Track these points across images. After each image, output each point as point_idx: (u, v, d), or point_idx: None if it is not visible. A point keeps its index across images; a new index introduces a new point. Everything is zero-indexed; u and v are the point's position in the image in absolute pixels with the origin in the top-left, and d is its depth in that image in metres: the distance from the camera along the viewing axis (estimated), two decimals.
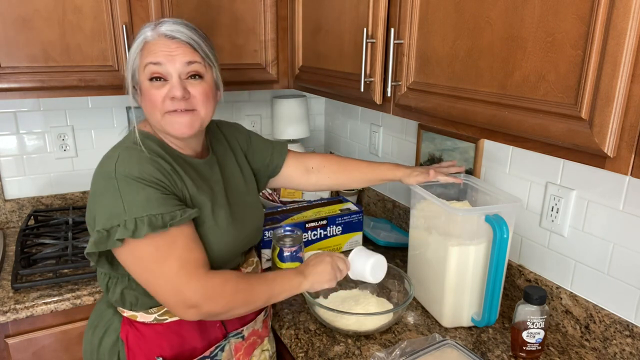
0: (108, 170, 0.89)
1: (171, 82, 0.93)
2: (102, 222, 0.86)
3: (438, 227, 1.16)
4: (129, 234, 0.83)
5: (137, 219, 0.84)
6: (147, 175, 0.88)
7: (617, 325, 1.04)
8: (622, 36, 0.63)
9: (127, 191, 0.86)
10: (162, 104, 0.93)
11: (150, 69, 0.92)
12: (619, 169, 0.68)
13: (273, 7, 1.60)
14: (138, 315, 0.98)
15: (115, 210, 0.85)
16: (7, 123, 1.68)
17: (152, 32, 0.94)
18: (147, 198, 0.86)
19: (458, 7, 0.91)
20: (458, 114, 0.94)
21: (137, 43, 0.95)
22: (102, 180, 0.89)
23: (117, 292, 0.97)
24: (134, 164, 0.89)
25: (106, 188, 0.87)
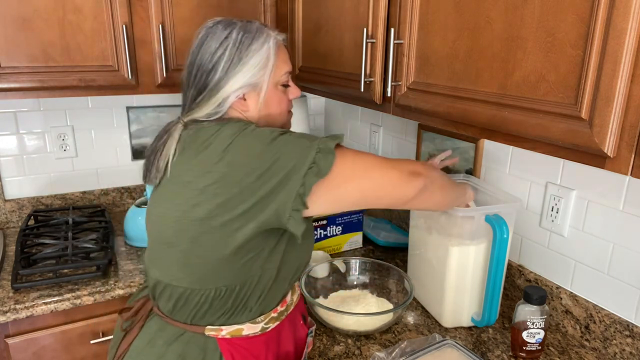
0: (264, 138, 0.83)
1: (291, 85, 1.01)
2: (306, 160, 0.81)
3: (438, 227, 1.16)
4: (334, 142, 0.83)
5: (319, 143, 0.83)
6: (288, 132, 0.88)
7: (617, 325, 1.04)
8: (622, 36, 0.63)
9: (294, 136, 0.84)
10: (288, 105, 1.00)
11: (286, 77, 0.97)
12: (619, 169, 0.68)
13: (273, 7, 1.60)
14: (244, 328, 0.91)
15: (304, 147, 0.82)
16: (7, 123, 1.68)
17: (277, 37, 0.96)
18: (304, 136, 0.86)
19: (458, 7, 0.91)
20: (458, 114, 0.94)
21: (269, 45, 0.93)
22: (266, 146, 0.82)
23: (228, 304, 0.89)
24: (273, 128, 0.88)
25: (278, 147, 0.81)
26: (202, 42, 0.91)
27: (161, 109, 1.90)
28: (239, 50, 0.90)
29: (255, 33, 0.92)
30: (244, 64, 0.90)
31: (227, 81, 0.90)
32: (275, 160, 0.80)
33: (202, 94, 0.91)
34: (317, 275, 1.30)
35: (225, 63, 0.89)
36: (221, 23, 0.93)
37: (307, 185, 0.80)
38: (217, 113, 0.91)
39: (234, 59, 0.89)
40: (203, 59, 0.90)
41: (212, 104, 0.90)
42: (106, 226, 1.62)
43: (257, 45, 0.91)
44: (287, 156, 0.80)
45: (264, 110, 0.95)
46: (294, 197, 0.80)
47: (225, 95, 0.90)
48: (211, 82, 0.90)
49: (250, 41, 0.91)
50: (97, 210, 1.76)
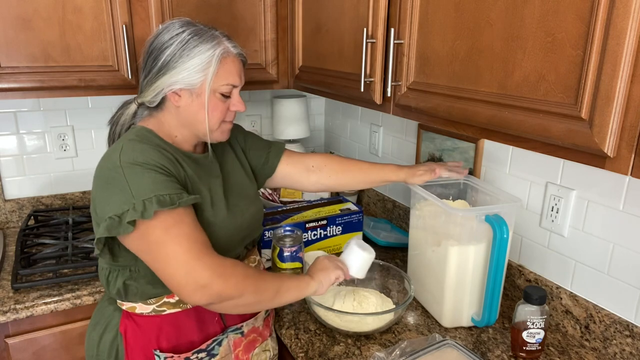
0: (113, 160, 0.91)
1: (234, 97, 1.03)
2: (113, 209, 0.87)
3: (438, 227, 1.16)
4: (139, 215, 0.84)
5: (145, 200, 0.85)
6: (152, 160, 0.91)
7: (617, 325, 1.04)
8: (622, 36, 0.63)
9: (133, 177, 0.88)
10: (224, 114, 1.02)
11: (227, 88, 1.00)
12: (619, 169, 0.68)
13: (273, 7, 1.60)
14: (137, 307, 0.99)
15: (124, 196, 0.87)
16: (7, 123, 1.68)
17: (228, 48, 1.00)
18: (153, 180, 0.89)
19: (458, 7, 0.91)
20: (458, 114, 0.94)
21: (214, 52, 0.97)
22: (108, 171, 0.91)
23: (118, 283, 0.98)
24: (138, 152, 0.93)
25: (113, 177, 0.89)
26: (159, 32, 1.00)
27: None
28: (183, 48, 0.96)
29: (205, 38, 0.97)
30: (183, 62, 0.96)
31: (165, 73, 0.97)
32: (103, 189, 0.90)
33: (147, 78, 1.00)
34: None
35: (167, 56, 0.96)
36: (181, 22, 1.00)
37: (102, 228, 0.87)
38: (153, 102, 1.01)
39: (175, 54, 0.96)
40: (154, 47, 0.98)
41: (150, 92, 0.99)
42: None
43: (201, 49, 0.96)
44: (110, 192, 0.89)
45: (194, 112, 1.00)
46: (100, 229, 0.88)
47: (161, 87, 0.98)
48: (153, 69, 0.98)
49: (196, 43, 0.97)
50: None
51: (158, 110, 1.03)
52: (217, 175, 1.08)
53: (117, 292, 0.99)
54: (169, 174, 0.93)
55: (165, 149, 0.98)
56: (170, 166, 0.94)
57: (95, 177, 0.94)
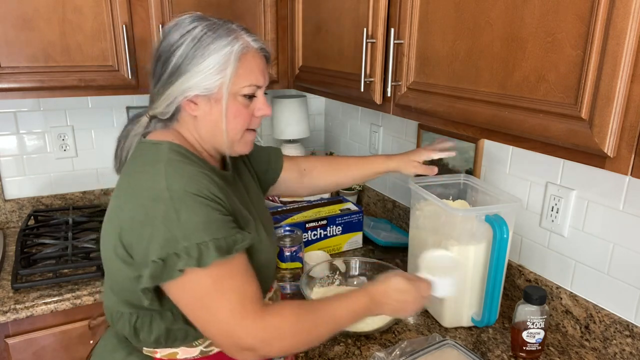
0: (157, 188, 0.75)
1: (259, 99, 0.88)
2: (157, 251, 0.73)
3: (438, 227, 1.16)
4: (194, 263, 0.72)
5: (201, 244, 0.73)
6: (205, 191, 0.77)
7: (617, 325, 1.04)
8: (622, 36, 0.63)
9: (185, 212, 0.74)
10: (248, 121, 0.88)
11: (250, 89, 0.85)
12: (619, 169, 0.68)
13: (273, 7, 1.60)
14: (179, 352, 0.85)
15: (172, 235, 0.73)
16: (7, 123, 1.68)
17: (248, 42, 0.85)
18: (208, 218, 0.75)
19: (458, 7, 0.91)
20: (458, 114, 0.94)
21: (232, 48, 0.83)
22: (150, 200, 0.75)
23: (157, 330, 0.83)
24: (187, 178, 0.77)
25: (158, 210, 0.74)
26: (167, 31, 0.85)
27: None
28: (196, 47, 0.82)
29: (221, 33, 0.83)
30: (197, 64, 0.82)
31: (177, 78, 0.82)
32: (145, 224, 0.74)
33: (157, 86, 0.86)
34: (317, 275, 1.30)
35: (178, 58, 0.82)
36: (192, 17, 0.86)
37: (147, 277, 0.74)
38: (166, 113, 0.86)
39: (188, 55, 0.82)
40: (162, 49, 0.84)
41: (162, 102, 0.85)
42: None
43: (217, 46, 0.82)
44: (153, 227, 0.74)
45: (214, 122, 0.86)
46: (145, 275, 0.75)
47: (174, 95, 0.83)
48: (164, 75, 0.84)
49: (211, 40, 0.82)
50: (97, 210, 1.76)
51: (174, 123, 0.88)
52: (244, 193, 0.97)
53: (154, 340, 0.84)
54: (223, 207, 0.79)
55: (208, 170, 0.83)
56: (222, 195, 0.80)
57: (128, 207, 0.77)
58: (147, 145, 0.86)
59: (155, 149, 0.84)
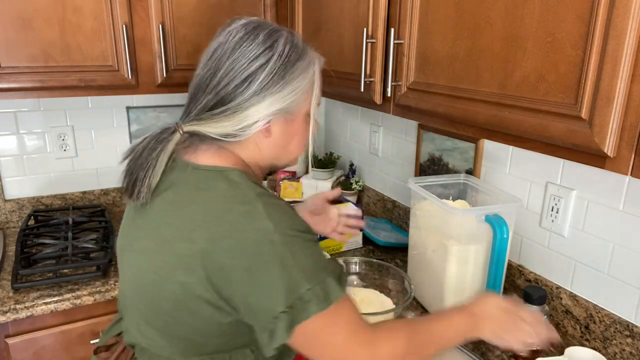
0: (263, 230, 0.68)
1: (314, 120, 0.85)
2: (284, 299, 0.67)
3: (438, 227, 1.16)
4: (326, 305, 0.68)
5: (322, 282, 0.69)
6: (307, 226, 0.73)
7: (617, 325, 1.04)
8: (622, 36, 0.63)
9: (299, 252, 0.69)
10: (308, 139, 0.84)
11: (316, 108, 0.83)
12: (619, 169, 0.68)
13: (273, 7, 1.60)
14: None
15: (294, 280, 0.67)
16: (7, 123, 1.68)
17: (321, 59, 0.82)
18: (318, 255, 0.71)
19: (458, 7, 0.91)
20: (458, 114, 0.94)
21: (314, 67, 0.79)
22: (258, 245, 0.67)
23: None
24: (289, 215, 0.72)
25: (272, 254, 0.67)
26: (239, 43, 0.74)
27: (161, 109, 1.89)
28: (285, 66, 0.74)
29: (303, 49, 0.78)
30: (287, 83, 0.75)
31: (263, 99, 0.74)
32: (257, 271, 0.67)
33: (224, 106, 0.74)
34: None
35: (265, 77, 0.73)
36: (264, 27, 0.77)
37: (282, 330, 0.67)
38: (236, 136, 0.75)
39: (275, 75, 0.74)
40: (237, 64, 0.73)
41: (235, 123, 0.74)
42: (106, 226, 1.62)
43: (303, 64, 0.77)
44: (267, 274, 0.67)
45: (285, 143, 0.81)
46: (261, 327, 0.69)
47: (256, 118, 0.74)
48: (241, 95, 0.73)
49: (297, 57, 0.76)
50: (97, 210, 1.76)
51: (233, 145, 0.77)
52: None
53: None
54: (317, 240, 0.76)
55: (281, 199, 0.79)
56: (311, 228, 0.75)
57: (230, 252, 0.68)
58: (211, 174, 0.75)
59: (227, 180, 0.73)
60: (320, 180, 1.95)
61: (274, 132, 0.78)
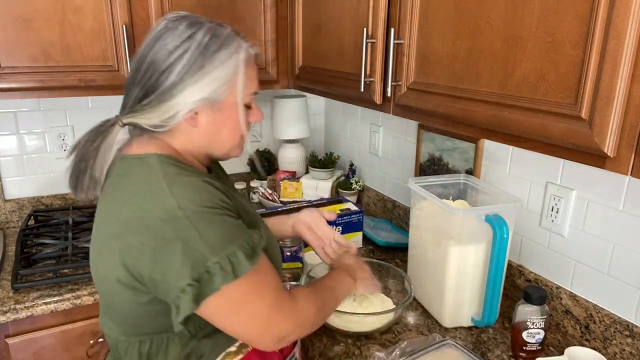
0: (166, 207, 0.70)
1: (254, 106, 0.88)
2: (189, 273, 0.69)
3: (438, 227, 1.16)
4: (231, 277, 0.70)
5: (230, 256, 0.71)
6: (217, 200, 0.74)
7: (617, 325, 1.04)
8: (622, 36, 0.63)
9: (205, 227, 0.71)
10: (246, 128, 0.86)
11: (250, 98, 0.85)
12: (619, 169, 0.68)
13: (273, 7, 1.60)
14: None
15: (199, 254, 0.69)
16: (7, 123, 1.68)
17: (248, 49, 0.83)
18: (229, 228, 0.73)
19: (458, 7, 0.91)
20: (458, 114, 0.94)
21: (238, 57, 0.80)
22: (162, 222, 0.70)
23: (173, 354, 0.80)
24: (195, 191, 0.74)
25: (175, 231, 0.70)
26: (159, 35, 0.78)
27: None
28: (202, 55, 0.77)
29: (225, 39, 0.80)
30: (206, 73, 0.77)
31: (182, 90, 0.76)
32: (162, 248, 0.70)
33: (150, 96, 0.77)
34: (317, 276, 1.30)
35: (183, 67, 0.76)
36: (186, 19, 0.80)
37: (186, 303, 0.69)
38: (164, 126, 0.79)
39: (194, 64, 0.76)
40: (158, 55, 0.77)
41: (161, 114, 0.77)
42: None
43: (224, 55, 0.78)
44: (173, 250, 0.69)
45: (214, 132, 0.83)
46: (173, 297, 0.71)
47: (177, 108, 0.77)
48: (162, 84, 0.76)
49: (217, 47, 0.78)
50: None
51: (163, 134, 0.81)
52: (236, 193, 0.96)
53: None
54: (232, 212, 0.76)
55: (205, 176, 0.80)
56: (228, 200, 0.77)
57: (131, 232, 0.72)
58: (132, 161, 0.79)
59: (144, 165, 0.77)
60: (320, 180, 1.95)
61: (201, 122, 0.81)
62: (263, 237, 0.79)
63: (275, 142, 2.16)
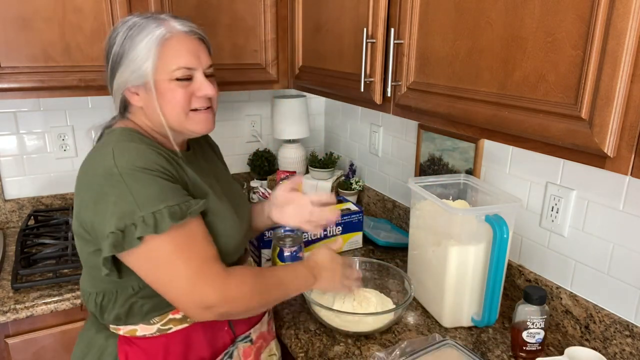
0: (106, 166, 0.81)
1: (197, 80, 0.92)
2: (114, 223, 0.78)
3: (438, 227, 1.16)
4: (151, 230, 0.77)
5: (155, 212, 0.78)
6: (153, 164, 0.83)
7: (617, 325, 1.04)
8: (622, 36, 0.63)
9: (136, 185, 0.79)
10: (187, 102, 0.91)
11: (182, 72, 0.89)
12: (619, 169, 0.68)
13: (273, 7, 1.60)
14: (138, 329, 0.91)
15: (127, 207, 0.78)
16: (7, 123, 1.68)
17: (164, 28, 0.88)
18: (160, 188, 0.81)
19: (458, 7, 0.91)
20: (458, 114, 0.94)
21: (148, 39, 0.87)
22: (101, 178, 0.81)
23: (118, 306, 0.89)
24: (135, 154, 0.83)
25: (110, 186, 0.80)
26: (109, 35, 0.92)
27: None
28: (124, 42, 0.88)
29: (146, 25, 0.88)
30: (126, 56, 0.88)
31: (116, 72, 0.90)
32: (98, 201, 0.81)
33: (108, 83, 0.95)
34: None
35: (114, 52, 0.89)
36: (124, 18, 0.92)
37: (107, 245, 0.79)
38: (117, 107, 0.95)
39: (119, 51, 0.88)
40: (105, 46, 0.92)
41: (114, 96, 0.94)
42: None
43: (143, 35, 0.87)
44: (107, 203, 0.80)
45: (155, 108, 0.90)
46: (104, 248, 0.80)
47: (116, 89, 0.92)
48: (108, 71, 0.92)
49: (138, 32, 0.87)
50: None
51: (130, 114, 0.96)
52: (209, 173, 1.02)
53: (115, 316, 0.90)
54: (172, 179, 0.85)
55: (158, 148, 0.90)
56: (171, 168, 0.86)
57: (82, 188, 0.85)
58: (104, 135, 0.95)
59: (109, 135, 0.92)
60: (320, 180, 1.95)
61: (140, 102, 0.92)
62: (201, 206, 0.85)
63: (275, 142, 2.16)
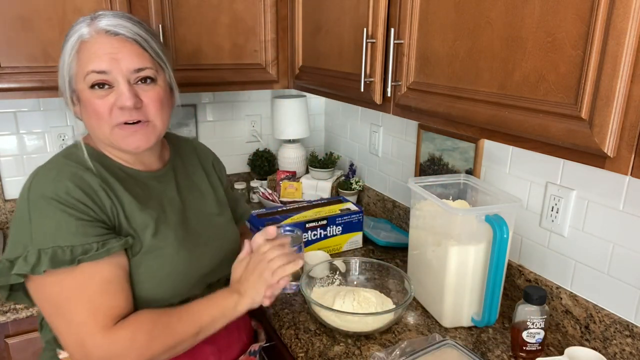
0: (24, 189, 0.78)
1: (118, 88, 0.79)
2: (9, 251, 0.75)
3: (438, 227, 1.16)
4: (28, 269, 0.71)
5: (42, 250, 0.72)
6: (64, 195, 0.75)
7: (617, 325, 1.04)
8: (622, 36, 0.63)
9: (37, 215, 0.74)
10: (109, 115, 0.79)
11: (92, 77, 0.78)
12: (619, 169, 0.68)
13: (273, 7, 1.60)
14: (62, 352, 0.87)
15: (23, 237, 0.74)
16: (7, 123, 1.68)
17: (88, 28, 0.79)
18: (57, 225, 0.74)
19: (458, 7, 0.91)
20: (458, 114, 0.94)
21: (70, 43, 0.80)
22: (19, 200, 0.78)
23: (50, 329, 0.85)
24: (50, 181, 0.76)
25: (19, 210, 0.76)
26: None
27: None
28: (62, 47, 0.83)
29: (77, 25, 0.81)
30: (60, 63, 0.82)
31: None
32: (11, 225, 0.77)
33: None
34: (317, 275, 1.30)
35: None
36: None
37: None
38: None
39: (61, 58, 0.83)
40: None
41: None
42: None
43: (68, 40, 0.81)
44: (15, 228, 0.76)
45: (85, 121, 0.84)
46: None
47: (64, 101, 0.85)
48: None
49: (69, 35, 0.81)
50: None
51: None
52: (172, 197, 0.91)
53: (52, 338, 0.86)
54: (83, 214, 0.75)
55: (90, 169, 0.81)
56: (89, 200, 0.77)
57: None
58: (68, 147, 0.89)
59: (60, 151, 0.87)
60: (320, 180, 1.95)
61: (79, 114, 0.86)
62: (104, 252, 0.74)
63: (275, 142, 2.16)
